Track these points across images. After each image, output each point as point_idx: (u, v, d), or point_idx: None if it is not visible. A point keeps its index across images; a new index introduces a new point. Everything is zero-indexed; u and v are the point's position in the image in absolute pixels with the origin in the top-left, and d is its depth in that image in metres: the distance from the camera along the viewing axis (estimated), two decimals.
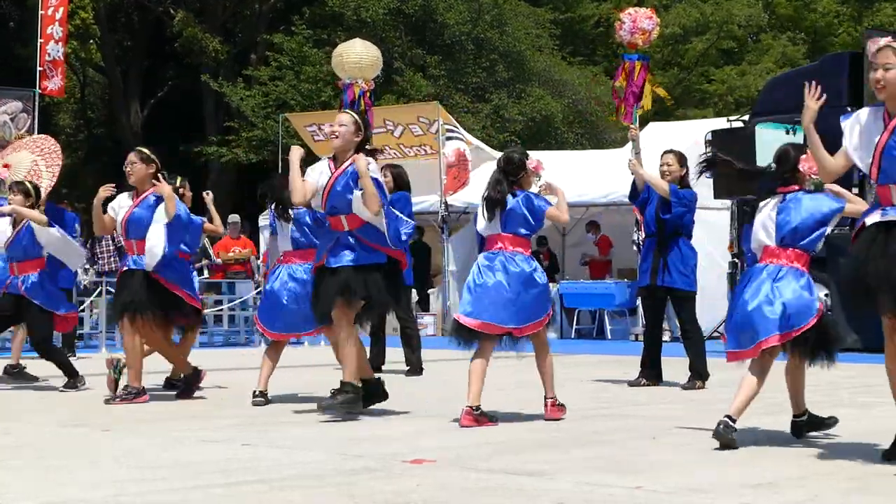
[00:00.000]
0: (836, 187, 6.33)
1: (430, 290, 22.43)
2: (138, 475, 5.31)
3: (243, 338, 18.23)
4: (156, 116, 38.82)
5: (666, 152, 10.57)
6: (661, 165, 10.44)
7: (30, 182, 9.82)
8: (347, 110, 7.99)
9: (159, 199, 8.71)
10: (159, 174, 8.82)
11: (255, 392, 8.56)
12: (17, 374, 10.47)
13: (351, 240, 7.47)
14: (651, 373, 10.30)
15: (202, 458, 5.85)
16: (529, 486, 5.04)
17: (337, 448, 6.21)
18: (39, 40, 19.68)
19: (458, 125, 22.07)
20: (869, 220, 5.62)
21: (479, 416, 7.25)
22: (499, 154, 23.80)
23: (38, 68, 19.46)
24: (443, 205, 20.30)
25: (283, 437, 6.69)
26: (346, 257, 7.45)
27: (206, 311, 16.39)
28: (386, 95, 31.09)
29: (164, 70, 40.50)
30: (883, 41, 5.61)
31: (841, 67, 16.79)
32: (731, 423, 6.07)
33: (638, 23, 10.64)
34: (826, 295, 15.75)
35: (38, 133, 18.52)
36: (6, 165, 9.73)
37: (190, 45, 34.80)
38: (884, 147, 5.53)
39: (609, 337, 19.19)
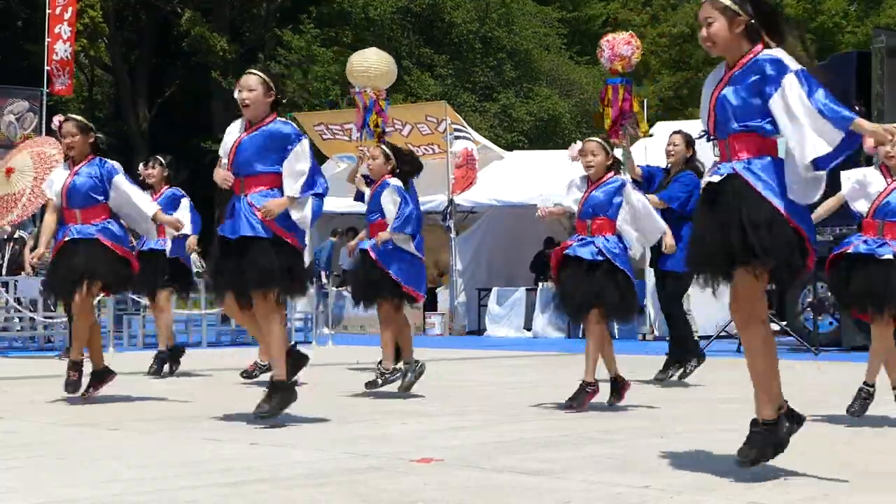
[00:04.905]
0: None
1: (437, 290, 22.42)
2: (143, 474, 5.30)
3: (250, 337, 18.19)
4: (163, 115, 38.88)
5: (674, 132, 10.64)
6: (667, 145, 10.51)
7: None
8: (254, 70, 7.67)
9: (102, 167, 8.65)
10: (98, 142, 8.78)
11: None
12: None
13: None
14: (672, 360, 10.40)
15: (208, 457, 5.84)
16: (536, 485, 5.02)
17: (343, 447, 6.19)
18: (47, 39, 19.70)
19: (465, 124, 22.06)
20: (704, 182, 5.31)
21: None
22: (506, 153, 23.92)
23: (46, 67, 19.48)
24: (450, 204, 20.29)
25: (289, 435, 6.68)
26: None
27: (211, 310, 16.40)
28: (394, 95, 31.10)
29: (171, 69, 40.56)
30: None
31: (849, 66, 16.76)
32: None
33: (616, 49, 10.77)
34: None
35: (45, 132, 18.54)
36: (9, 170, 9.72)
37: (198, 44, 34.86)
38: (717, 98, 5.20)
39: (616, 336, 19.16)
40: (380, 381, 9.12)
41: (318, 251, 21.02)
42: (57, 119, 9.01)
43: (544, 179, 20.14)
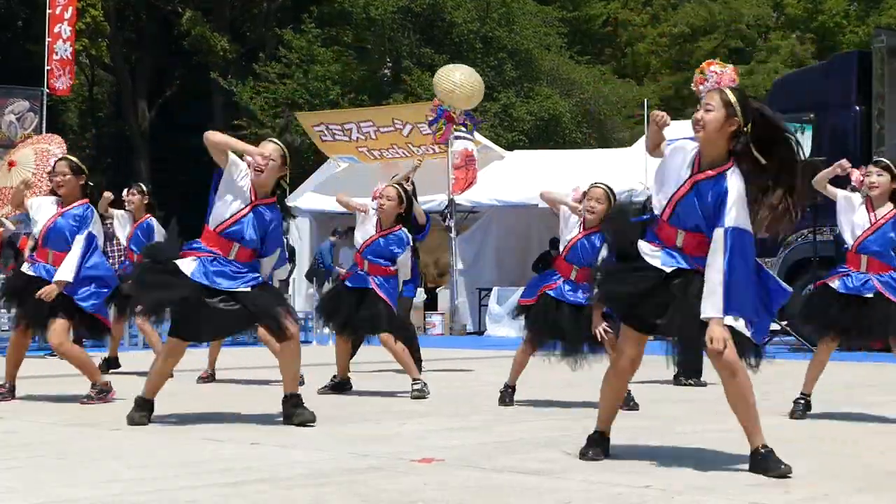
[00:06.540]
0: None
1: (437, 290, 22.42)
2: (144, 474, 5.30)
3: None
4: (164, 115, 38.87)
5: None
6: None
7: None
8: (275, 140, 7.66)
9: (86, 211, 8.56)
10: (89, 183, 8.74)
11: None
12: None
13: None
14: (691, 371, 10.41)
15: (208, 457, 5.84)
16: (537, 485, 5.02)
17: (343, 447, 6.19)
18: (47, 39, 19.70)
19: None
20: (647, 252, 5.60)
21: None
22: (507, 153, 23.90)
23: (46, 67, 19.48)
24: (450, 204, 20.28)
25: (290, 436, 6.68)
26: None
27: None
28: (394, 94, 31.11)
29: (172, 69, 40.53)
30: (714, 88, 5.74)
31: (850, 66, 16.78)
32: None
33: (724, 84, 10.57)
34: None
35: (45, 132, 18.53)
36: (12, 163, 9.72)
37: (198, 43, 34.84)
38: (681, 198, 5.51)
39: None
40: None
41: (317, 251, 21.02)
42: (54, 159, 9.02)
43: (545, 179, 20.15)
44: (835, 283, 7.79)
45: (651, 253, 5.58)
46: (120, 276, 11.38)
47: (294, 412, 7.15)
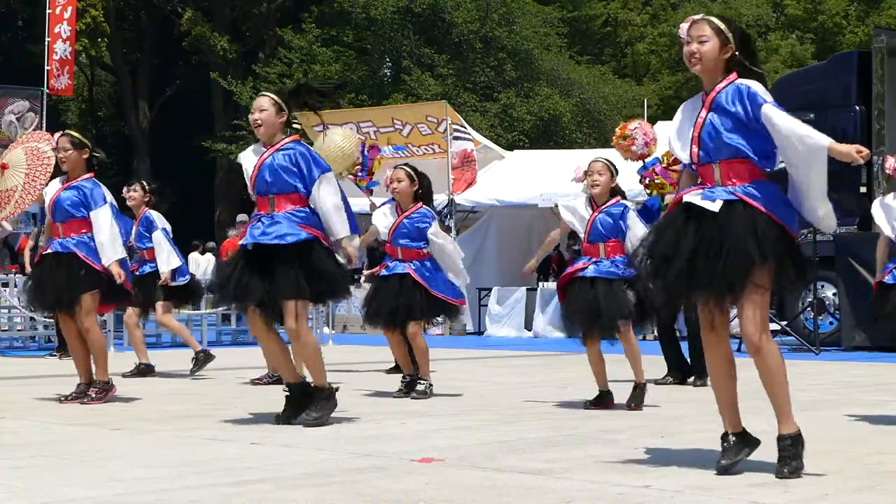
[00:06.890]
0: None
1: None
2: (146, 474, 5.31)
3: (252, 336, 18.16)
4: (164, 114, 38.88)
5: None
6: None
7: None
8: (266, 92, 7.67)
9: (93, 186, 8.51)
10: (94, 155, 8.69)
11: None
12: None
13: None
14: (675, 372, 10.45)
15: (211, 457, 5.84)
16: (538, 485, 5.02)
17: (345, 447, 6.20)
18: (47, 39, 19.69)
19: (466, 124, 22.05)
20: (687, 197, 5.35)
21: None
22: (507, 153, 23.85)
23: (46, 67, 19.47)
24: (450, 204, 20.28)
25: (292, 435, 6.68)
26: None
27: (214, 310, 16.40)
28: (394, 95, 31.12)
29: (172, 68, 40.55)
30: (697, 17, 5.52)
31: (850, 66, 16.79)
32: None
33: (649, 134, 10.45)
34: (834, 294, 15.73)
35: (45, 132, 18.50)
36: (4, 166, 9.69)
37: (198, 43, 34.85)
38: (702, 127, 5.34)
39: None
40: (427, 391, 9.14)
41: None
42: (57, 134, 8.97)
43: (545, 179, 20.17)
44: (887, 279, 7.74)
45: (692, 196, 5.30)
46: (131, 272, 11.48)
47: (301, 413, 7.16)
